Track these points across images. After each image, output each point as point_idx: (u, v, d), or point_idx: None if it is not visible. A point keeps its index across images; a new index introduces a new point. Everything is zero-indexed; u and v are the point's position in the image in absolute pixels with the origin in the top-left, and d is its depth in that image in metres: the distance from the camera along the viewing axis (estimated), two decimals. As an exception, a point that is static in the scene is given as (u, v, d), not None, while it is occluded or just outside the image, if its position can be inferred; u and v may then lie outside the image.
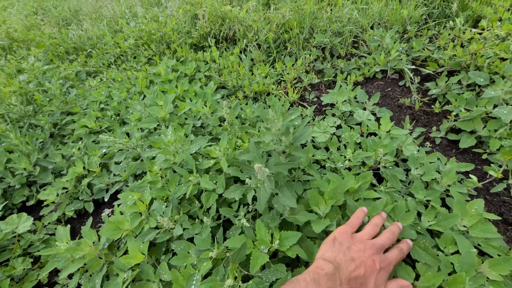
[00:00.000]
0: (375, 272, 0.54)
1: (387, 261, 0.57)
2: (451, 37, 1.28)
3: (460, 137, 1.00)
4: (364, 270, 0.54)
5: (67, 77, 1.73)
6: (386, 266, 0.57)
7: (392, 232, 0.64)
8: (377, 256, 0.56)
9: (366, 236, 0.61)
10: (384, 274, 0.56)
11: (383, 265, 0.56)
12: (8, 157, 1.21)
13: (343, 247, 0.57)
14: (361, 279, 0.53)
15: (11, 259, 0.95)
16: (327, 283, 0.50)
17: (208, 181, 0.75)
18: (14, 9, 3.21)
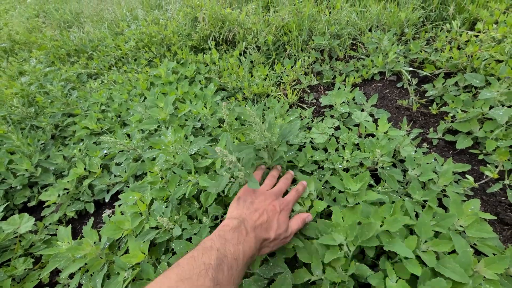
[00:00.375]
0: (276, 214, 0.61)
1: (285, 202, 0.66)
2: (448, 39, 1.29)
3: (457, 138, 1.01)
4: (267, 216, 0.60)
5: (68, 79, 1.75)
6: (285, 206, 0.65)
7: (287, 178, 0.73)
8: (276, 201, 0.64)
9: (266, 187, 0.69)
10: (284, 213, 0.63)
11: (282, 206, 0.64)
12: (10, 158, 1.23)
13: (247, 202, 0.63)
14: (265, 224, 0.59)
15: (12, 259, 0.96)
16: (233, 235, 0.53)
17: (207, 179, 0.76)
18: (16, 11, 3.24)
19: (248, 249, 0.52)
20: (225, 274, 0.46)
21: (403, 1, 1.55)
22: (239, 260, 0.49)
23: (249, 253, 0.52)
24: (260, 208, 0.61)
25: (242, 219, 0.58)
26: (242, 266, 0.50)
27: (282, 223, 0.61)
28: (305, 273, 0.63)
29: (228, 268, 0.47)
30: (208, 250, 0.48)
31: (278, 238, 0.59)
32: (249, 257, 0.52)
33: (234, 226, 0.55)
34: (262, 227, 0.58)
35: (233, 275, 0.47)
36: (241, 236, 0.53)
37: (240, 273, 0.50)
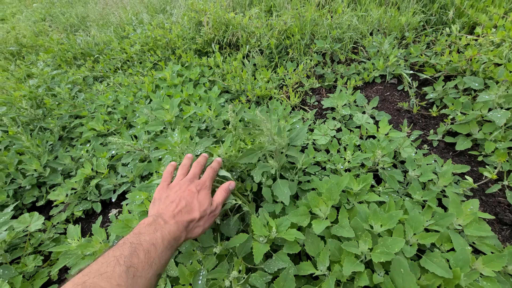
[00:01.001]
0: (195, 195, 0.63)
1: (201, 182, 0.67)
2: (447, 43, 1.32)
3: (456, 140, 1.03)
4: (185, 201, 0.61)
5: (75, 81, 1.79)
6: (202, 186, 0.66)
7: (198, 162, 0.73)
8: (192, 185, 0.65)
9: (179, 178, 0.69)
10: (204, 191, 0.65)
11: (199, 187, 0.65)
12: (19, 159, 1.26)
13: (162, 199, 0.63)
14: (185, 208, 0.60)
15: (22, 257, 0.98)
16: (148, 228, 0.53)
17: None
18: (23, 15, 3.30)
19: (168, 233, 0.54)
20: (141, 258, 0.48)
21: (403, 6, 1.58)
22: (157, 244, 0.51)
23: (170, 236, 0.54)
24: (175, 198, 0.62)
25: (158, 214, 0.58)
26: (163, 248, 0.51)
27: (203, 200, 0.63)
28: (309, 266, 0.65)
29: (144, 253, 0.49)
30: (120, 246, 0.49)
31: (205, 214, 0.62)
32: (171, 240, 0.54)
33: (150, 221, 0.56)
34: (183, 212, 0.59)
35: (152, 257, 0.49)
36: (158, 226, 0.55)
37: (162, 255, 0.51)
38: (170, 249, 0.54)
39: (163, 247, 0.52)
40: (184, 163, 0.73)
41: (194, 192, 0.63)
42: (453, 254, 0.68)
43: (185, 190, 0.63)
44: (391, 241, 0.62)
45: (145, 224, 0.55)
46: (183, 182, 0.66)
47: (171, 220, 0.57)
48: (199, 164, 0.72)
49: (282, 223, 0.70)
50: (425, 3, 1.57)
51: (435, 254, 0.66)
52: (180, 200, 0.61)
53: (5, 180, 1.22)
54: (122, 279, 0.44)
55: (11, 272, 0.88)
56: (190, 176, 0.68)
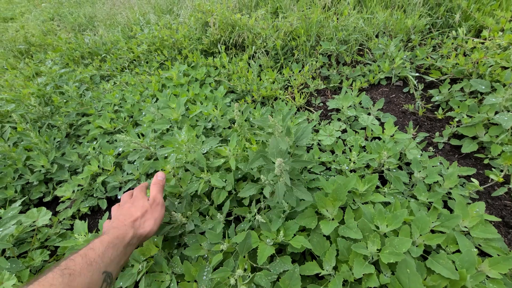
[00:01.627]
0: (128, 202, 0.74)
1: (133, 192, 0.78)
2: (454, 46, 1.32)
3: (462, 143, 1.03)
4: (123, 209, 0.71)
5: (82, 80, 1.81)
6: (134, 192, 0.77)
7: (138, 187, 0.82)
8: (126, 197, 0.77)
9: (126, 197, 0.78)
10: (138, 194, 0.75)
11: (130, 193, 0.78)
12: (27, 155, 1.28)
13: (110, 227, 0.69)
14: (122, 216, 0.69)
15: (29, 251, 0.99)
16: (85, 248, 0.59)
17: (218, 179, 0.80)
18: (32, 15, 3.35)
19: (107, 236, 0.60)
20: (77, 261, 0.52)
21: (409, 9, 1.59)
22: (95, 247, 0.57)
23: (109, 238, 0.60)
24: (116, 218, 0.70)
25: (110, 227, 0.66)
26: (103, 249, 0.57)
27: (137, 202, 0.72)
28: (314, 266, 0.65)
29: (81, 257, 0.54)
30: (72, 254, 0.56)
31: (146, 209, 0.71)
32: (113, 239, 0.60)
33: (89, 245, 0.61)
34: (120, 220, 0.67)
35: (91, 257, 0.54)
36: (98, 236, 0.62)
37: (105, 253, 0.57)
38: (114, 247, 0.59)
39: (103, 247, 0.58)
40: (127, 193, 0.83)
41: (128, 201, 0.74)
42: (459, 256, 0.68)
43: (122, 206, 0.74)
44: (397, 241, 0.62)
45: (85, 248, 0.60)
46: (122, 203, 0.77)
47: (111, 229, 0.64)
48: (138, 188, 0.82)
49: (290, 227, 0.70)
50: (432, 6, 1.57)
51: (441, 256, 0.66)
52: (119, 214, 0.71)
53: (13, 175, 1.23)
54: (56, 280, 0.47)
55: (18, 265, 0.89)
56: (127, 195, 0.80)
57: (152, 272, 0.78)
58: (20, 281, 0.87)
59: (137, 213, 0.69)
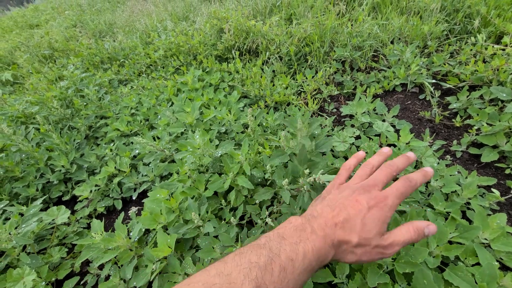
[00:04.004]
0: (361, 211, 0.44)
1: (381, 196, 0.46)
2: (472, 52, 1.29)
3: (482, 152, 1.00)
4: (346, 213, 0.45)
5: (101, 84, 1.88)
6: (380, 202, 0.45)
7: (391, 164, 0.50)
8: (363, 195, 0.46)
9: (356, 180, 0.51)
10: (377, 211, 0.44)
11: (373, 202, 0.45)
12: (49, 155, 1.33)
13: (326, 199, 0.50)
14: (341, 224, 0.45)
15: (48, 248, 1.03)
16: (293, 233, 0.43)
17: (245, 180, 0.80)
18: (56, 22, 3.53)
19: (311, 249, 0.42)
20: (274, 275, 0.38)
21: (426, 15, 1.57)
22: (296, 261, 0.40)
23: (312, 254, 0.41)
24: (337, 204, 0.47)
25: (311, 217, 0.47)
26: (301, 269, 0.40)
27: (372, 223, 0.44)
28: (327, 273, 0.64)
29: (280, 269, 0.38)
30: (259, 248, 0.41)
31: (367, 244, 0.44)
32: (313, 259, 0.41)
33: (298, 223, 0.45)
34: (338, 227, 0.44)
35: (287, 279, 0.38)
36: (304, 234, 0.43)
37: (298, 278, 0.40)
38: (309, 272, 0.42)
39: (302, 267, 0.40)
40: (370, 161, 0.54)
41: (362, 207, 0.45)
42: (479, 269, 0.65)
43: (351, 200, 0.47)
44: (413, 251, 0.61)
45: (292, 225, 0.46)
46: (356, 188, 0.48)
47: (320, 231, 0.44)
48: (391, 168, 0.50)
49: None
50: (449, 12, 1.54)
51: (460, 268, 0.64)
52: (341, 209, 0.46)
53: (35, 174, 1.29)
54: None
55: (38, 261, 0.93)
56: (370, 183, 0.48)
57: (165, 273, 0.79)
58: (39, 276, 0.91)
59: (353, 236, 0.44)
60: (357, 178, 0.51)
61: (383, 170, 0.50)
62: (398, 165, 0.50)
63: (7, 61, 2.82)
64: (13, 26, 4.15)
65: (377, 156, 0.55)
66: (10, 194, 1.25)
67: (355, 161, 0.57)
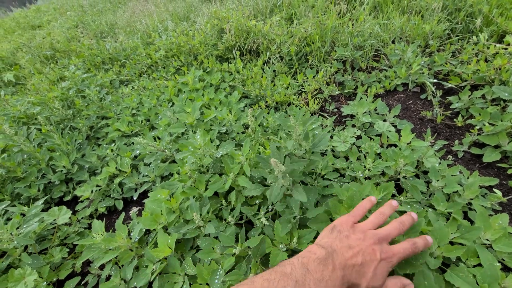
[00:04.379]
0: (375, 261, 0.50)
1: (390, 252, 0.52)
2: (474, 52, 1.28)
3: (484, 152, 0.99)
4: (363, 258, 0.49)
5: (102, 84, 1.89)
6: (389, 257, 0.52)
7: (401, 222, 0.58)
8: (378, 246, 0.52)
9: (369, 225, 0.57)
10: (385, 265, 0.51)
11: (384, 256, 0.51)
12: (50, 155, 1.34)
13: (342, 234, 0.54)
14: (357, 267, 0.49)
15: (49, 248, 1.04)
16: (317, 267, 0.46)
17: (246, 180, 0.79)
18: (57, 22, 3.54)
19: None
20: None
21: (427, 14, 1.56)
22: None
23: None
24: (355, 246, 0.51)
25: (331, 251, 0.50)
26: None
27: (380, 274, 0.50)
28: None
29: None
30: (286, 277, 0.43)
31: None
32: None
33: (321, 256, 0.48)
34: (354, 269, 0.48)
35: None
36: (326, 271, 0.46)
37: None
38: None
39: None
40: (383, 211, 0.61)
41: (376, 257, 0.50)
42: (480, 270, 0.65)
43: (368, 246, 0.51)
44: (414, 251, 0.61)
45: (316, 257, 0.48)
46: (371, 235, 0.54)
47: (340, 271, 0.48)
48: (402, 226, 0.58)
49: (305, 235, 0.69)
50: (451, 11, 1.53)
51: (461, 269, 0.63)
52: (358, 253, 0.50)
53: (37, 175, 1.29)
54: None
55: (39, 262, 0.93)
56: (383, 234, 0.55)
57: (165, 273, 0.80)
58: (40, 276, 0.91)
59: (363, 282, 0.49)
60: (370, 224, 0.58)
61: (395, 226, 0.57)
62: (406, 224, 0.59)
63: (9, 62, 2.83)
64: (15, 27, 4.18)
65: (389, 208, 0.62)
66: (12, 194, 1.26)
67: (369, 205, 0.64)
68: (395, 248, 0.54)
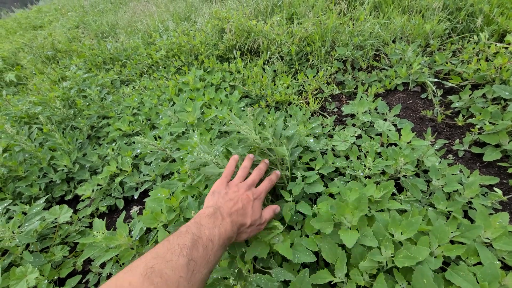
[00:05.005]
0: (250, 202, 0.65)
1: (258, 191, 0.70)
2: (475, 51, 1.28)
3: (484, 151, 0.99)
4: (242, 203, 0.64)
5: (103, 84, 1.89)
6: (258, 195, 0.69)
7: (260, 169, 0.75)
8: (249, 191, 0.68)
9: (239, 179, 0.72)
10: (258, 201, 0.68)
11: (255, 196, 0.68)
12: (51, 155, 1.34)
13: (221, 194, 0.66)
14: (240, 211, 0.63)
15: (51, 247, 1.04)
16: (208, 220, 0.57)
17: None
18: (59, 23, 3.55)
19: (224, 232, 0.56)
20: (200, 252, 0.50)
21: (428, 13, 1.56)
22: (214, 241, 0.53)
23: (225, 235, 0.56)
24: (234, 197, 0.65)
25: (217, 207, 0.61)
26: (218, 246, 0.54)
27: (257, 210, 0.66)
28: (327, 274, 0.64)
29: (203, 248, 0.51)
30: (183, 234, 0.51)
31: (254, 224, 0.65)
32: (225, 239, 0.56)
33: (210, 213, 0.59)
34: (238, 213, 0.62)
35: (208, 254, 0.51)
36: (217, 221, 0.58)
37: (216, 253, 0.53)
38: (223, 248, 0.56)
39: (218, 245, 0.54)
40: (245, 164, 0.75)
41: (250, 199, 0.66)
42: (481, 268, 0.65)
43: (243, 194, 0.67)
44: (414, 249, 0.61)
45: (205, 215, 0.58)
46: (242, 185, 0.69)
47: (228, 218, 0.60)
48: (260, 171, 0.75)
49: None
50: (451, 11, 1.53)
51: (461, 267, 0.63)
52: (238, 201, 0.64)
53: (38, 174, 1.30)
54: (184, 271, 0.46)
55: (41, 260, 0.94)
56: (250, 182, 0.71)
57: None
58: (42, 274, 0.91)
59: (248, 219, 0.63)
60: (240, 178, 0.72)
61: (256, 173, 0.74)
62: (263, 169, 0.76)
63: (11, 62, 2.85)
64: (17, 27, 4.19)
65: (249, 161, 0.76)
66: (14, 193, 1.26)
67: (234, 163, 0.76)
68: (260, 188, 0.71)
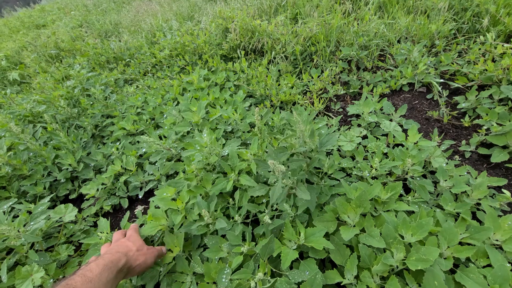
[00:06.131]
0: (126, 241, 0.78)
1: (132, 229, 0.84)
2: (481, 51, 1.27)
3: (491, 152, 0.99)
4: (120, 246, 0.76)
5: (107, 83, 1.89)
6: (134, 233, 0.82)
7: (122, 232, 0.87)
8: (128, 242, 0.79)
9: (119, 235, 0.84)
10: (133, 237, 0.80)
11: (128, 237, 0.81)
12: (56, 154, 1.34)
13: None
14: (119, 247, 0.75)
15: (55, 246, 1.04)
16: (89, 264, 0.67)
17: (248, 178, 0.80)
18: (62, 22, 3.56)
19: (102, 260, 0.66)
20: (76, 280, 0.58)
21: (433, 14, 1.55)
22: (92, 269, 0.63)
23: (104, 261, 0.66)
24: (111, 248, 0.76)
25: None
26: (99, 270, 0.63)
27: (134, 237, 0.79)
28: (336, 275, 0.64)
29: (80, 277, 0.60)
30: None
31: (142, 249, 0.76)
32: (108, 263, 0.66)
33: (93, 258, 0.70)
34: (114, 249, 0.74)
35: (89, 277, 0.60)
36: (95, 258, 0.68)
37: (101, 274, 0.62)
38: (108, 270, 0.65)
39: (99, 269, 0.63)
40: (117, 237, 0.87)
41: (124, 240, 0.79)
42: (491, 271, 0.64)
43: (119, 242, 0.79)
44: (424, 250, 0.60)
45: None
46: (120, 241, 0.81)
47: (105, 255, 0.70)
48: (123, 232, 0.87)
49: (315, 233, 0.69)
50: (457, 11, 1.53)
51: (471, 269, 0.63)
52: (115, 246, 0.77)
53: (43, 173, 1.30)
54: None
55: (46, 259, 0.94)
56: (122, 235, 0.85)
57: (173, 272, 0.79)
58: (47, 273, 0.91)
59: (132, 247, 0.75)
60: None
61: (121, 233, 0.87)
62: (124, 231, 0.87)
63: (14, 60, 2.85)
64: (20, 26, 4.20)
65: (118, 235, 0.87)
66: (18, 192, 1.26)
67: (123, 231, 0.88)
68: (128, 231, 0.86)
